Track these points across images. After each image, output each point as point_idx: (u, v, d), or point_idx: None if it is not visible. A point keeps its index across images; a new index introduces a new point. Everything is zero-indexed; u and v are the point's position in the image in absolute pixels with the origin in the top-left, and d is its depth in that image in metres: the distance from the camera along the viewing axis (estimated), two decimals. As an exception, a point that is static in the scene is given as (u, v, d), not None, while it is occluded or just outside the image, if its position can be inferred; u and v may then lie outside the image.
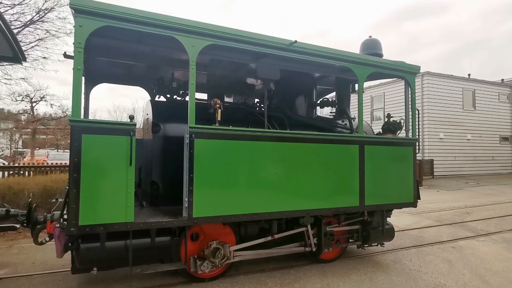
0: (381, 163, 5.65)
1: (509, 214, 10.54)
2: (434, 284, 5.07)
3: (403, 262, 6.00)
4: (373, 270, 5.60)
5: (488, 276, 5.41)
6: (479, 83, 25.88)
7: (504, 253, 6.63)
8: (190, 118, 4.27)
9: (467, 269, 5.72)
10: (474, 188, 18.16)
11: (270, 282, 5.06)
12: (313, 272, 5.47)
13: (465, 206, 12.09)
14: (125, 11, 3.95)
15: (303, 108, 6.42)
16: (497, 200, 13.60)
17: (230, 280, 5.02)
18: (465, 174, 24.10)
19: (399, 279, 5.25)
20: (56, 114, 30.33)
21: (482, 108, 25.62)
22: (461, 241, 7.49)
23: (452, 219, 9.76)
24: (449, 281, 5.18)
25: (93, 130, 3.85)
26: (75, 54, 3.80)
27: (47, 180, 9.11)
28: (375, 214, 5.86)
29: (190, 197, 4.23)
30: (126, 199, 3.94)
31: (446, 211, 11.04)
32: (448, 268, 5.76)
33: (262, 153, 4.74)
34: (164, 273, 5.12)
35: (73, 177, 3.73)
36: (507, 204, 12.75)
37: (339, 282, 5.09)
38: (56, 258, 5.70)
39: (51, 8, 14.58)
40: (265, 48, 4.78)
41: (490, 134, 26.07)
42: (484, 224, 9.17)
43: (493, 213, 10.73)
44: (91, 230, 3.82)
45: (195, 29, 4.30)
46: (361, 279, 5.20)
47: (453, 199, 13.84)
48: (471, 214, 10.58)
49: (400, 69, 5.94)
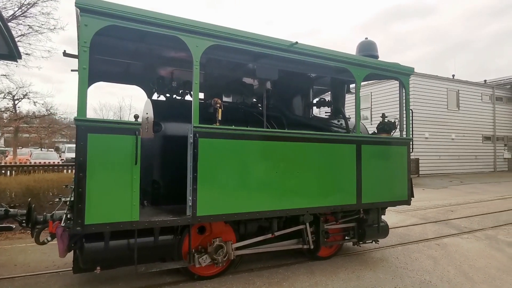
0: (377, 162, 5.79)
1: (491, 212, 10.81)
2: (420, 281, 5.16)
3: (389, 260, 6.09)
4: (361, 268, 5.68)
5: (471, 272, 5.54)
6: (463, 83, 26.52)
7: (487, 250, 6.80)
8: (194, 117, 4.31)
9: (451, 266, 5.85)
10: (458, 186, 18.56)
11: (259, 281, 5.05)
12: (301, 271, 5.49)
13: (449, 204, 12.32)
14: (130, 11, 3.96)
15: (300, 108, 6.52)
16: (480, 198, 13.96)
17: (218, 280, 5.01)
18: (449, 172, 24.68)
19: (386, 276, 5.32)
20: (40, 112, 29.73)
21: (466, 108, 26.26)
22: (446, 238, 7.65)
23: (437, 217, 9.94)
24: (434, 278, 5.27)
25: (99, 129, 3.85)
26: (80, 53, 3.80)
27: (30, 180, 8.90)
28: (371, 212, 5.99)
29: (194, 196, 4.27)
30: (131, 198, 3.96)
31: (431, 209, 11.25)
32: (433, 265, 5.87)
33: (264, 152, 4.81)
34: (161, 272, 5.16)
35: (79, 176, 3.73)
36: (489, 202, 13.11)
37: (327, 280, 5.12)
38: (39, 260, 5.65)
39: (34, 3, 14.30)
40: (266, 48, 4.84)
41: (473, 133, 26.76)
42: (468, 222, 9.39)
43: (476, 211, 10.99)
44: (97, 229, 3.83)
45: (199, 29, 4.34)
46: (349, 277, 5.26)
47: (438, 197, 14.11)
48: (455, 212, 10.82)
49: (394, 71, 6.09)
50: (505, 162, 28.90)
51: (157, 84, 5.63)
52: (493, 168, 27.90)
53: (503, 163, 28.79)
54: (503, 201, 13.29)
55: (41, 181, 8.81)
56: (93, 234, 4.05)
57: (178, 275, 5.12)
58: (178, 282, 4.97)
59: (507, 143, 29.21)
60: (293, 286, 4.91)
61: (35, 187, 8.48)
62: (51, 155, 30.15)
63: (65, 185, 6.52)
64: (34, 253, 6.19)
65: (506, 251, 6.67)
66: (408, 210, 10.78)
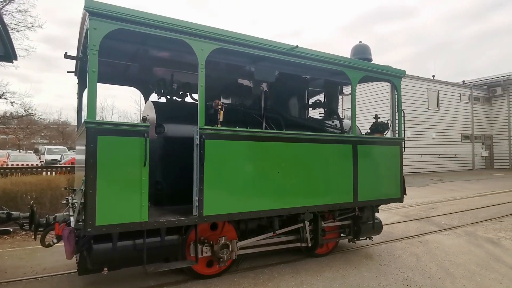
0: (372, 161, 6.00)
1: (470, 209, 11.16)
2: (403, 278, 5.26)
3: (373, 258, 6.19)
4: (345, 266, 5.73)
5: (452, 268, 5.69)
6: (442, 84, 27.32)
7: (466, 245, 6.99)
8: (200, 119, 4.40)
9: (433, 262, 5.98)
10: (439, 184, 19.07)
11: (244, 282, 5.04)
12: (286, 270, 5.51)
13: (430, 202, 12.62)
14: (139, 15, 4.02)
15: (296, 109, 6.67)
16: (459, 195, 14.38)
17: (203, 282, 5.00)
18: (430, 171, 25.38)
19: (370, 274, 5.41)
20: (18, 112, 28.93)
21: (446, 108, 27.05)
22: (427, 235, 7.82)
23: (419, 215, 10.16)
24: (417, 275, 5.39)
25: (108, 131, 3.90)
26: (90, 56, 3.83)
27: (7, 183, 8.63)
28: (365, 209, 6.20)
29: (200, 196, 4.36)
30: (140, 199, 4.02)
31: (413, 207, 11.44)
32: (415, 262, 6.00)
33: (267, 153, 4.94)
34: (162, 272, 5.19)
35: (90, 178, 3.77)
36: (469, 199, 13.53)
37: (312, 280, 5.15)
38: (15, 266, 5.57)
39: (10, 0, 13.91)
40: (268, 52, 4.98)
41: (453, 132, 27.59)
42: (448, 219, 9.63)
43: (456, 208, 11.31)
44: (108, 230, 3.87)
45: (205, 33, 4.44)
46: (334, 276, 5.30)
47: (420, 195, 14.44)
48: (436, 210, 11.07)
49: (387, 73, 6.32)
50: (482, 160, 29.91)
51: (157, 86, 5.68)
52: (471, 166, 28.83)
53: (481, 161, 29.79)
54: (482, 198, 13.77)
55: (19, 184, 8.58)
56: (101, 235, 4.08)
57: (178, 276, 5.18)
58: (179, 282, 5.03)
59: (485, 142, 30.25)
60: (279, 286, 4.93)
61: (12, 190, 8.24)
62: (29, 157, 29.47)
63: (64, 187, 6.48)
64: (12, 259, 6.05)
65: (484, 247, 6.89)
66: (391, 208, 10.98)
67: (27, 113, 27.83)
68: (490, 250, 6.67)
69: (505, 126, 29.95)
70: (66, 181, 9.64)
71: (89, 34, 3.83)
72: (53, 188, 8.79)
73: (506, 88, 29.60)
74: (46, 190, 8.68)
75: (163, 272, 5.18)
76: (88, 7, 3.77)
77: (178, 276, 5.20)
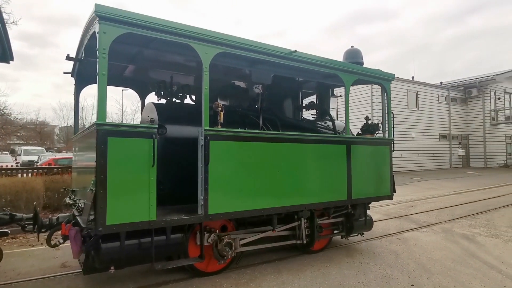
0: (364, 160, 6.27)
1: (447, 206, 11.51)
2: (382, 275, 5.36)
3: (354, 256, 6.30)
4: (327, 265, 5.80)
5: (429, 264, 5.85)
6: (421, 85, 28.15)
7: (443, 242, 7.21)
8: (204, 121, 4.54)
9: (411, 259, 6.13)
10: (418, 183, 19.59)
11: (225, 283, 5.04)
12: (268, 270, 5.54)
13: (410, 200, 12.91)
14: (146, 19, 4.13)
15: (291, 111, 6.89)
16: (437, 194, 14.81)
17: (184, 283, 5.02)
18: (410, 170, 26.11)
19: (351, 272, 5.50)
20: (-10, 112, 28.11)
21: (424, 109, 27.88)
22: (406, 233, 8.04)
23: (398, 213, 10.41)
24: (395, 272, 5.51)
25: (118, 133, 3.99)
26: (100, 60, 3.92)
27: None
28: (357, 207, 6.47)
29: (205, 195, 4.50)
30: (149, 198, 4.14)
31: (393, 205, 11.57)
32: (394, 259, 6.14)
33: (268, 153, 5.12)
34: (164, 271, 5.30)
35: (100, 179, 3.85)
36: (446, 197, 13.97)
37: (294, 279, 5.19)
38: None
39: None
40: (268, 56, 5.16)
41: (431, 132, 28.48)
42: (426, 216, 9.90)
43: (433, 206, 11.66)
44: (118, 229, 3.97)
45: (209, 37, 4.58)
46: (315, 275, 5.36)
47: (400, 194, 14.69)
48: (415, 207, 11.38)
49: (378, 77, 6.61)
50: (459, 159, 30.99)
51: (157, 87, 5.78)
52: (449, 165, 29.81)
53: (458, 160, 30.85)
54: (458, 196, 14.25)
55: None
56: (108, 235, 4.16)
57: (180, 273, 5.30)
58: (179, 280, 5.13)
59: (461, 141, 31.35)
60: (260, 286, 4.95)
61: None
62: (5, 158, 28.67)
63: (63, 188, 6.48)
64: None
65: (460, 243, 7.14)
66: (372, 206, 11.03)
67: (2, 112, 27.08)
68: (465, 246, 6.91)
69: (480, 126, 31.13)
70: (42, 183, 9.56)
71: (99, 38, 3.91)
72: (28, 190, 8.64)
73: (481, 90, 30.74)
74: (21, 192, 8.50)
75: (163, 270, 5.26)
76: (98, 11, 3.86)
77: (174, 275, 5.28)
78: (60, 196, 9.70)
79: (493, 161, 30.88)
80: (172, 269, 5.30)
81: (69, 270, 5.53)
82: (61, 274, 5.35)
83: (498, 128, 31.77)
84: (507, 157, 31.90)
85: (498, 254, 6.38)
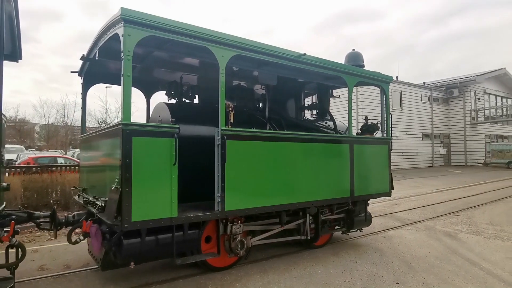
0: (365, 159, 6.56)
1: (430, 204, 11.76)
2: (368, 274, 5.39)
3: (340, 255, 6.31)
4: (313, 264, 5.80)
5: (413, 262, 5.93)
6: (405, 85, 28.88)
7: (426, 239, 7.32)
8: (220, 121, 4.71)
9: (396, 257, 6.18)
10: (402, 181, 20.08)
11: (210, 284, 4.98)
12: (254, 270, 5.51)
13: (394, 198, 12.71)
14: (169, 23, 4.27)
15: (294, 111, 7.12)
16: (420, 192, 15.14)
17: (168, 285, 4.97)
18: (394, 168, 26.70)
19: (336, 271, 5.50)
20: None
21: (408, 108, 28.65)
22: (391, 231, 8.12)
23: (383, 211, 10.51)
24: (381, 270, 5.55)
25: (142, 133, 4.12)
26: (125, 61, 4.03)
27: None
28: (358, 203, 6.74)
29: (222, 192, 4.67)
30: (170, 195, 4.28)
31: (378, 203, 11.55)
32: (379, 257, 6.18)
33: (280, 152, 5.32)
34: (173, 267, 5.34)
35: (125, 177, 3.98)
36: (429, 195, 14.30)
37: (280, 279, 5.16)
38: None
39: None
40: (279, 58, 5.36)
41: (415, 131, 29.29)
42: (410, 214, 10.03)
43: (417, 204, 11.86)
44: (142, 225, 4.10)
45: (226, 40, 4.74)
46: (301, 274, 5.35)
47: None
48: (399, 205, 11.55)
49: (378, 79, 6.91)
50: (441, 157, 31.98)
51: (168, 87, 5.90)
52: (431, 163, 30.73)
53: (440, 158, 31.83)
54: (440, 194, 14.59)
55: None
56: (129, 231, 4.29)
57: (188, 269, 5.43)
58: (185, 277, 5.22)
59: (443, 140, 32.35)
60: (246, 286, 4.92)
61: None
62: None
63: (74, 186, 6.53)
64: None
65: (443, 240, 7.26)
66: None
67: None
68: (448, 244, 7.02)
69: (461, 126, 32.19)
70: (20, 182, 9.34)
71: (123, 40, 4.02)
72: (5, 190, 8.43)
73: (462, 90, 31.79)
74: None
75: (172, 267, 5.39)
76: (124, 15, 3.98)
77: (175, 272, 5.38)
78: (40, 196, 9.60)
79: (473, 160, 31.98)
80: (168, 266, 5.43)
81: (48, 273, 5.38)
82: (38, 277, 5.20)
83: (478, 128, 32.93)
84: (486, 156, 33.09)
85: (479, 251, 6.53)
